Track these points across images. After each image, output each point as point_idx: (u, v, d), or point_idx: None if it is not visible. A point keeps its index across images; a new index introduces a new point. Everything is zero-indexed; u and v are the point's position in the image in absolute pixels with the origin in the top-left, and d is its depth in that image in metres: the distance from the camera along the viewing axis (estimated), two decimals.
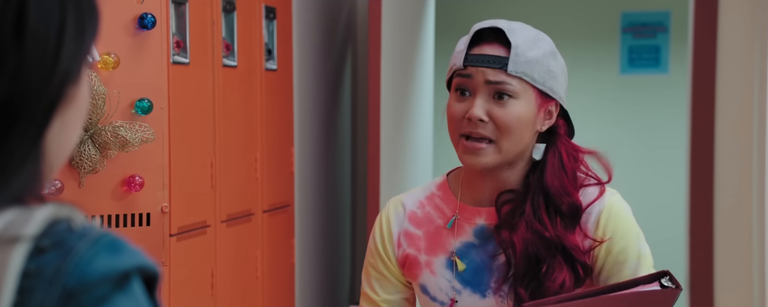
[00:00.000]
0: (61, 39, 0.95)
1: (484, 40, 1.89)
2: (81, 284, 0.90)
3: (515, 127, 1.86)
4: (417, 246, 1.97)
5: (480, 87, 1.87)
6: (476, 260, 1.93)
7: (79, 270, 0.90)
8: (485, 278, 1.92)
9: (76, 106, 0.98)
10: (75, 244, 0.92)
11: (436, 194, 2.00)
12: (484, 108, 1.86)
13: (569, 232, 1.88)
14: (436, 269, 1.95)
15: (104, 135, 2.60)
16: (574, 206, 1.89)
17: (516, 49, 1.86)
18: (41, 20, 0.94)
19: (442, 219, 1.97)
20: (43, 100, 0.95)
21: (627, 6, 7.19)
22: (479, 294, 1.92)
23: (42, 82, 0.94)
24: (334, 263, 4.52)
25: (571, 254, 1.87)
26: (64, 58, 0.95)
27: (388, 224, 2.00)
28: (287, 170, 3.64)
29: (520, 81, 1.86)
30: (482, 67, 1.87)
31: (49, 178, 0.98)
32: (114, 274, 0.91)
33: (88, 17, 0.99)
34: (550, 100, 1.91)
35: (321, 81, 4.28)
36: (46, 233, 0.92)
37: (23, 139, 0.94)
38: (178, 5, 2.82)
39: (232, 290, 3.16)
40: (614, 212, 1.91)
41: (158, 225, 2.73)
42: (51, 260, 0.91)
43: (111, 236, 0.94)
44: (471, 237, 1.94)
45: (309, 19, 4.09)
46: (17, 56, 0.93)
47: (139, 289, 0.93)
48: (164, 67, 2.73)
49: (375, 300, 2.02)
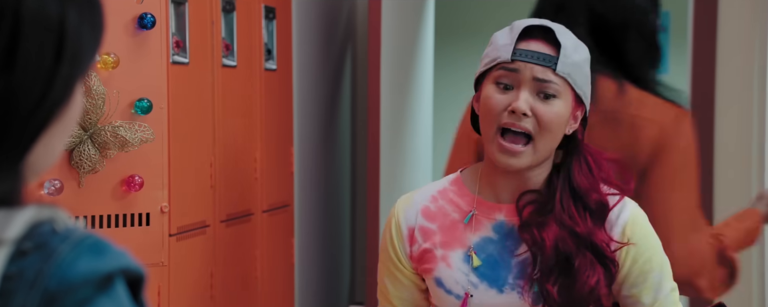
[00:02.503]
0: (56, 65, 0.92)
1: (532, 36, 1.89)
2: (63, 287, 0.88)
3: (555, 126, 1.87)
4: (433, 240, 1.96)
5: (526, 82, 1.86)
6: (494, 254, 1.92)
7: (61, 272, 0.89)
8: (503, 274, 1.91)
9: (64, 124, 0.96)
10: (57, 246, 0.90)
11: (449, 188, 1.99)
12: (529, 103, 1.86)
13: (598, 228, 1.88)
14: (452, 263, 1.94)
15: (104, 135, 2.60)
16: (602, 203, 1.90)
17: (565, 50, 1.86)
18: (34, 46, 0.90)
19: (457, 213, 1.96)
20: (29, 127, 0.92)
21: None
22: (496, 289, 1.91)
23: (30, 109, 0.91)
24: (333, 263, 4.52)
25: (602, 252, 1.87)
26: (58, 85, 0.92)
27: (398, 223, 1.99)
28: (287, 170, 3.64)
29: (564, 82, 1.87)
30: (532, 63, 1.86)
31: (31, 182, 0.96)
32: (96, 276, 0.90)
33: (88, 39, 0.95)
34: (581, 105, 1.91)
35: (321, 81, 4.28)
36: (28, 236, 0.90)
37: (6, 158, 0.92)
38: (178, 5, 2.82)
39: (231, 290, 3.15)
40: (640, 222, 1.92)
41: (158, 225, 2.73)
42: (33, 263, 0.89)
43: (94, 238, 0.92)
44: (490, 232, 1.93)
45: (309, 19, 4.09)
46: (5, 81, 0.90)
47: (122, 291, 0.91)
48: (164, 67, 2.73)
49: (387, 296, 2.04)
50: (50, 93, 0.91)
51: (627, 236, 1.90)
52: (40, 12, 0.91)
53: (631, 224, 1.91)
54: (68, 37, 0.92)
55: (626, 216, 1.91)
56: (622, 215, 1.91)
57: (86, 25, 0.95)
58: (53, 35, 0.91)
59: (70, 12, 0.93)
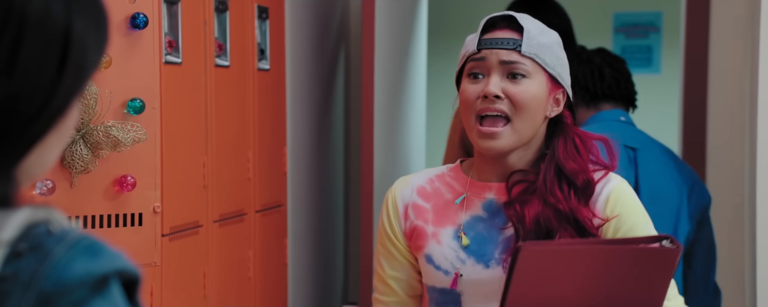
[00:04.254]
0: (59, 75, 0.90)
1: (496, 27, 1.96)
2: (57, 288, 0.88)
3: (529, 105, 1.91)
4: (424, 218, 2.01)
5: (494, 67, 1.92)
6: (482, 232, 1.96)
7: (56, 274, 0.88)
8: (490, 249, 1.95)
9: (61, 132, 0.95)
10: (52, 247, 0.90)
11: (447, 174, 2.06)
12: (499, 85, 1.91)
13: (582, 205, 1.92)
14: (442, 239, 1.98)
15: (96, 135, 2.60)
16: (587, 180, 1.93)
17: (528, 32, 1.93)
18: (37, 51, 0.89)
19: (451, 194, 2.02)
20: (28, 134, 0.91)
21: (619, 6, 7.19)
22: (483, 264, 1.95)
23: (31, 115, 0.90)
24: (326, 263, 4.52)
25: (584, 227, 1.90)
26: (60, 94, 0.91)
27: (394, 200, 2.06)
28: (280, 170, 3.64)
29: (533, 62, 1.92)
30: (496, 48, 1.92)
31: (24, 187, 0.95)
32: (92, 277, 0.89)
33: (92, 49, 0.93)
34: (558, 87, 1.96)
35: (314, 81, 4.27)
36: (24, 237, 0.90)
37: (2, 161, 0.91)
38: (171, 5, 2.82)
39: (224, 290, 3.15)
40: (623, 193, 1.96)
41: (150, 225, 2.72)
42: (28, 264, 0.89)
43: (90, 239, 0.92)
44: (480, 211, 1.98)
45: (302, 19, 4.09)
46: (6, 85, 0.89)
47: (117, 292, 0.91)
48: (156, 67, 2.72)
49: (382, 276, 2.08)
50: (52, 102, 0.91)
51: (610, 207, 1.94)
52: (45, 17, 0.89)
53: (613, 196, 1.94)
54: (73, 46, 0.91)
55: (610, 188, 1.95)
56: (605, 188, 1.95)
57: (91, 35, 0.93)
58: (57, 43, 0.90)
59: (76, 20, 0.91)
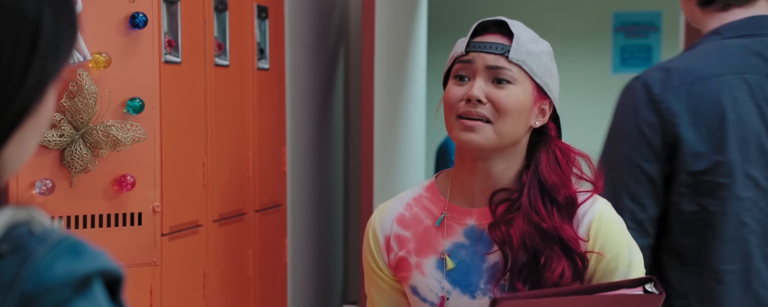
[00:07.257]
0: (30, 59, 0.91)
1: (487, 31, 1.93)
2: (39, 289, 0.87)
3: (512, 111, 1.87)
4: (407, 248, 1.97)
5: (480, 71, 1.89)
6: (466, 260, 1.92)
7: (38, 275, 0.88)
8: (474, 279, 1.92)
9: (37, 122, 0.95)
10: (34, 248, 0.89)
11: (424, 195, 2.00)
12: (483, 90, 1.88)
13: (566, 223, 1.88)
14: (426, 270, 1.95)
15: (95, 134, 2.60)
16: (570, 197, 1.89)
17: (518, 39, 1.89)
18: (8, 38, 0.89)
19: (430, 220, 1.97)
20: (1, 123, 0.91)
21: (619, 6, 7.19)
22: (469, 295, 1.92)
23: (2, 103, 0.90)
24: (326, 263, 4.52)
25: (569, 245, 1.86)
26: (31, 80, 0.91)
27: (375, 233, 2.02)
28: (279, 170, 3.64)
29: (520, 70, 1.89)
30: (483, 52, 1.89)
31: (4, 181, 0.95)
32: (74, 278, 0.89)
33: (65, 34, 0.94)
34: (545, 97, 1.92)
35: (313, 80, 4.27)
36: (5, 238, 0.89)
37: None
38: (170, 4, 2.82)
39: (224, 289, 3.15)
40: (606, 220, 1.91)
41: (150, 225, 2.72)
42: (9, 266, 0.88)
43: (72, 239, 0.91)
44: (461, 238, 1.93)
45: (301, 19, 4.09)
46: None
47: (100, 292, 0.90)
48: (156, 67, 2.72)
49: (373, 304, 2.07)
50: (23, 88, 0.90)
51: (593, 232, 1.89)
52: (15, 5, 0.90)
53: (597, 221, 1.90)
54: (43, 33, 0.91)
55: (593, 213, 1.90)
56: (589, 212, 1.90)
57: (62, 24, 0.94)
58: (28, 30, 0.90)
59: (46, 9, 0.92)
